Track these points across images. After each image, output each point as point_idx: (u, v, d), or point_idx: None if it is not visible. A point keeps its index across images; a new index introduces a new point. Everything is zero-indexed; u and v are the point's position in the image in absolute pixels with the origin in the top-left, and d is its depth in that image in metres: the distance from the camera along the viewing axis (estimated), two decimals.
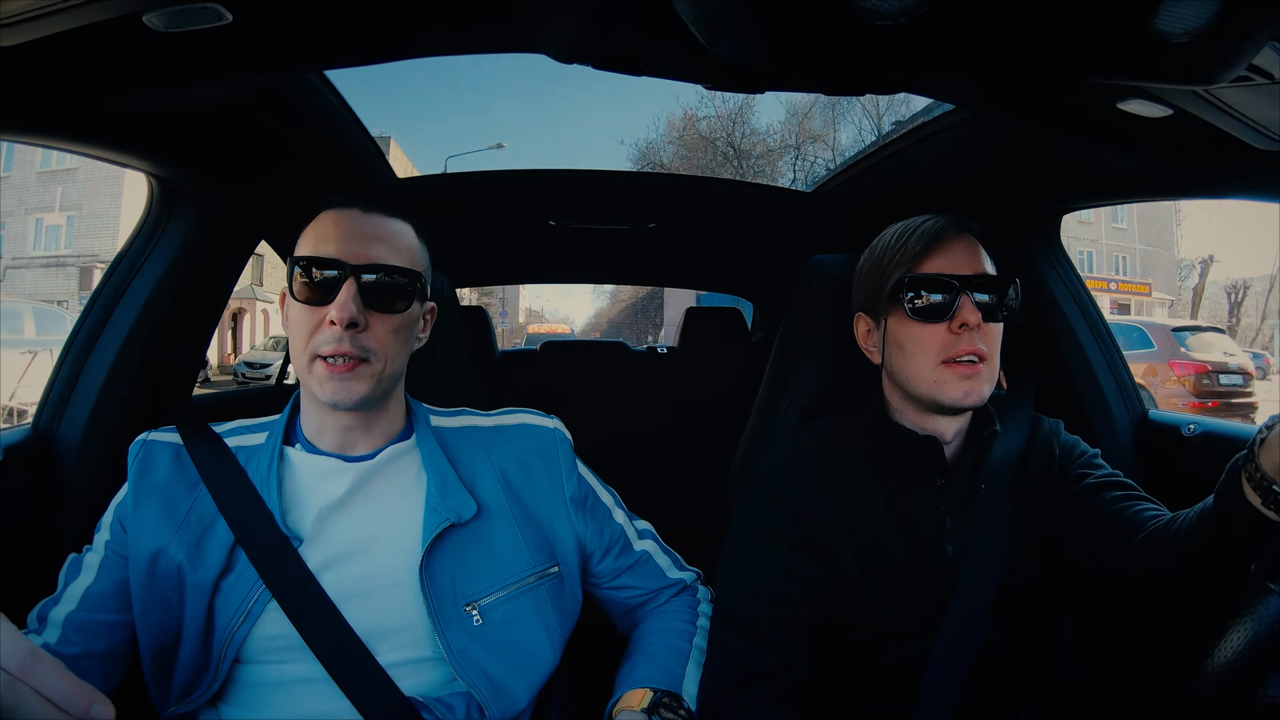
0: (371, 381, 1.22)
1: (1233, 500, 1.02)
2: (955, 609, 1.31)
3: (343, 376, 1.19)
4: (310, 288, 1.21)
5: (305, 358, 1.21)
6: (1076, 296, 1.95)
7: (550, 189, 2.67)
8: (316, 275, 1.21)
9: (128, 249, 1.66)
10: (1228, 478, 1.04)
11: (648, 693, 1.25)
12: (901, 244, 1.34)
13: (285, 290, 1.29)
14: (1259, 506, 0.98)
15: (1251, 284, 32.51)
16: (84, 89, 1.18)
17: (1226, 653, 0.92)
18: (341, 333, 1.18)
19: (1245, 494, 0.99)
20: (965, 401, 1.29)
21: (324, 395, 1.20)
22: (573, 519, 1.38)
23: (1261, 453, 0.97)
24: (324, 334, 1.19)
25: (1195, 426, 1.73)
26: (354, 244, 1.22)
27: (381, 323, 1.23)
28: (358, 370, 1.20)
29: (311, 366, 1.20)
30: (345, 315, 1.18)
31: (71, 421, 1.55)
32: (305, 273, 1.21)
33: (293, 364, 1.27)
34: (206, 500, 1.24)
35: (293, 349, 1.24)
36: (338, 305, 1.18)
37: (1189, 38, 0.76)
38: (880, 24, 0.72)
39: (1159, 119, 1.22)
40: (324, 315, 1.19)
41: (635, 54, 1.21)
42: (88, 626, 1.20)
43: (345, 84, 1.72)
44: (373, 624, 1.21)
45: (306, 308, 1.21)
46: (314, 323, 1.20)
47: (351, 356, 1.19)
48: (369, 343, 1.21)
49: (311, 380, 1.21)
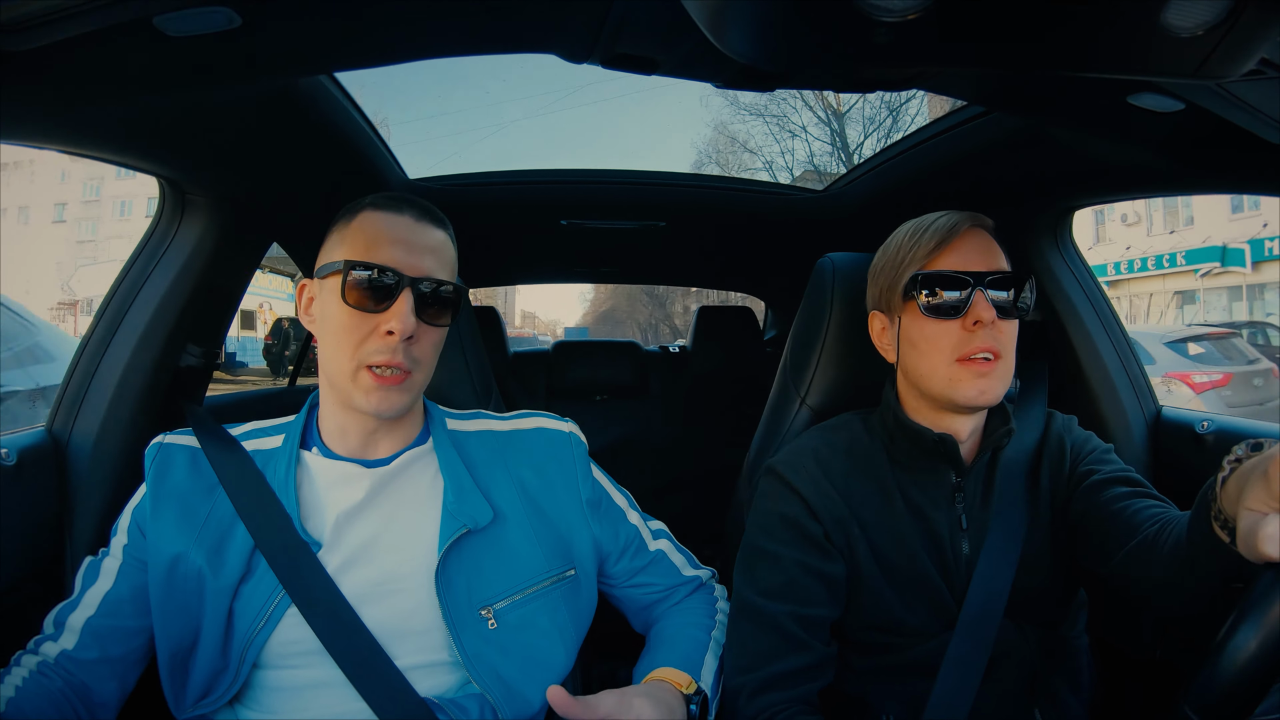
0: (413, 393, 1.24)
1: (1201, 534, 1.00)
2: (970, 606, 1.30)
3: (389, 388, 1.19)
4: (364, 294, 1.19)
5: (351, 365, 1.19)
6: (1089, 293, 1.94)
7: (561, 188, 2.67)
8: (372, 281, 1.19)
9: (140, 251, 1.67)
10: (1196, 509, 1.02)
11: (693, 682, 1.25)
12: (915, 241, 1.34)
13: (310, 285, 1.29)
14: (1226, 543, 0.95)
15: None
16: (94, 94, 1.18)
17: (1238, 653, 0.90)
18: (397, 344, 1.18)
19: (1213, 529, 0.97)
20: (979, 400, 1.28)
21: (368, 405, 1.19)
22: (589, 522, 1.39)
23: (1222, 494, 0.95)
24: (376, 343, 1.18)
25: (1209, 424, 1.72)
26: (409, 254, 1.22)
27: (428, 335, 1.24)
28: (405, 383, 1.20)
29: (357, 375, 1.19)
30: (406, 327, 1.17)
31: (85, 424, 1.56)
32: (360, 277, 1.19)
33: (327, 367, 1.24)
34: (225, 504, 1.24)
35: (334, 352, 1.21)
36: (398, 316, 1.17)
37: (1201, 31, 0.75)
38: (890, 20, 0.72)
39: (1171, 114, 1.22)
40: (376, 324, 1.19)
41: (645, 53, 1.21)
42: (106, 632, 1.21)
43: (352, 82, 1.73)
44: (389, 627, 1.21)
45: (356, 313, 1.19)
46: (365, 330, 1.19)
47: (402, 368, 1.19)
48: (418, 354, 1.22)
49: (354, 389, 1.20)
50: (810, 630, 1.29)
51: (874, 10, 0.71)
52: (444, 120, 45.23)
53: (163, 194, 1.66)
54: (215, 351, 1.86)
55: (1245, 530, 0.87)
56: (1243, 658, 0.86)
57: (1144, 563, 1.16)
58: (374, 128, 1.98)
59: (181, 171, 1.59)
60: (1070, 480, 1.38)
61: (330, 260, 1.23)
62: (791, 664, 1.27)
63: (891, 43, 0.75)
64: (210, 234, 1.69)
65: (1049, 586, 1.36)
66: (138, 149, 1.44)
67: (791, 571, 1.32)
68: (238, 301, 1.94)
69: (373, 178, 2.10)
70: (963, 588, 1.33)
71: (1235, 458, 0.95)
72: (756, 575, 1.35)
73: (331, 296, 1.21)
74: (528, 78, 33.60)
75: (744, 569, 1.38)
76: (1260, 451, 0.91)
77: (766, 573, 1.34)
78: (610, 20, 1.09)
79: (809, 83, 1.35)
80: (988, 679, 1.27)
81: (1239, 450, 0.95)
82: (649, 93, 41.66)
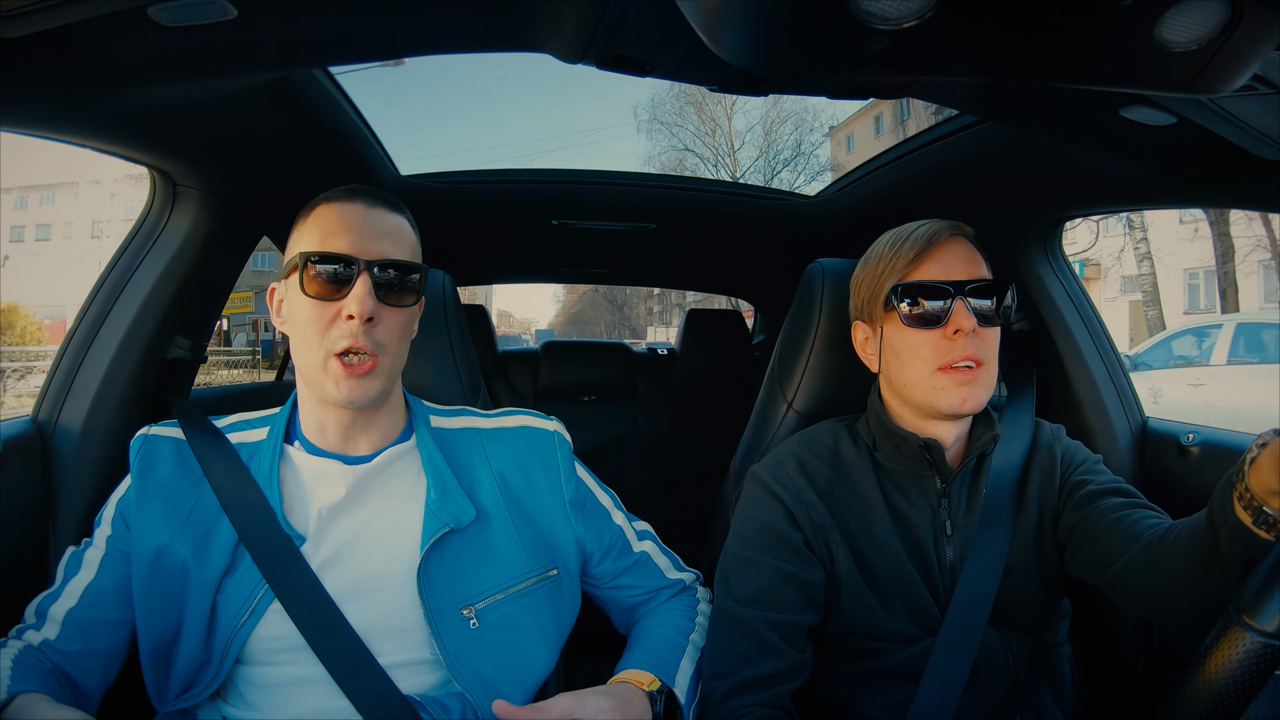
0: (384, 378, 1.23)
1: (1224, 518, 1.01)
2: (954, 613, 1.30)
3: (360, 376, 1.19)
4: (323, 283, 1.19)
5: (319, 355, 1.19)
6: (1078, 303, 1.95)
7: (554, 188, 2.67)
8: (329, 270, 1.19)
9: (129, 242, 1.66)
10: (1219, 495, 1.03)
11: (656, 680, 1.25)
12: (895, 251, 1.34)
13: (279, 288, 1.29)
14: (1250, 526, 0.97)
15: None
16: (88, 82, 1.18)
17: (1206, 684, 0.92)
18: (358, 327, 1.18)
19: (1236, 513, 0.99)
20: (962, 408, 1.29)
21: (340, 394, 1.19)
22: (572, 522, 1.38)
23: (1251, 472, 0.97)
24: (339, 329, 1.18)
25: (1194, 435, 1.73)
26: (363, 239, 1.22)
27: (391, 317, 1.23)
28: (374, 369, 1.20)
29: (327, 365, 1.19)
30: (364, 309, 1.17)
31: (71, 414, 1.55)
32: (317, 268, 1.19)
33: (299, 362, 1.24)
34: (209, 497, 1.24)
35: (303, 346, 1.22)
36: (355, 299, 1.17)
37: (1195, 46, 0.76)
38: (886, 28, 0.72)
39: (1163, 127, 1.22)
40: (336, 310, 1.19)
41: (640, 55, 1.21)
42: (88, 623, 1.21)
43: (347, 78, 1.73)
44: (372, 625, 1.21)
45: (317, 303, 1.19)
46: (326, 319, 1.19)
47: (366, 352, 1.19)
48: (381, 337, 1.21)
49: (326, 380, 1.20)
50: (786, 636, 1.29)
51: (870, 18, 0.71)
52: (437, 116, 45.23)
53: (153, 185, 1.66)
54: (203, 344, 1.85)
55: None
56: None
57: (1147, 568, 1.17)
58: (367, 123, 1.98)
59: (173, 163, 1.58)
60: (1063, 490, 1.38)
61: (290, 258, 1.24)
62: (764, 669, 1.27)
63: (887, 50, 0.75)
64: (200, 226, 1.68)
65: (1033, 594, 1.36)
66: (130, 139, 1.43)
67: (769, 578, 1.32)
68: (226, 294, 1.94)
69: (364, 173, 2.09)
70: (946, 594, 1.33)
71: (1263, 441, 0.96)
72: (735, 581, 1.35)
73: (294, 292, 1.22)
74: (522, 76, 33.71)
75: (724, 575, 1.38)
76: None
77: (745, 579, 1.34)
78: (606, 21, 1.08)
79: (803, 88, 1.35)
80: (971, 686, 1.27)
81: (1267, 435, 0.97)
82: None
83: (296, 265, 1.21)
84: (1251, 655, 0.89)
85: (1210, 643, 0.92)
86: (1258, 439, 0.98)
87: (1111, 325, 1.96)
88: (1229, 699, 0.90)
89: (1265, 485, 0.95)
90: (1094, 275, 23.86)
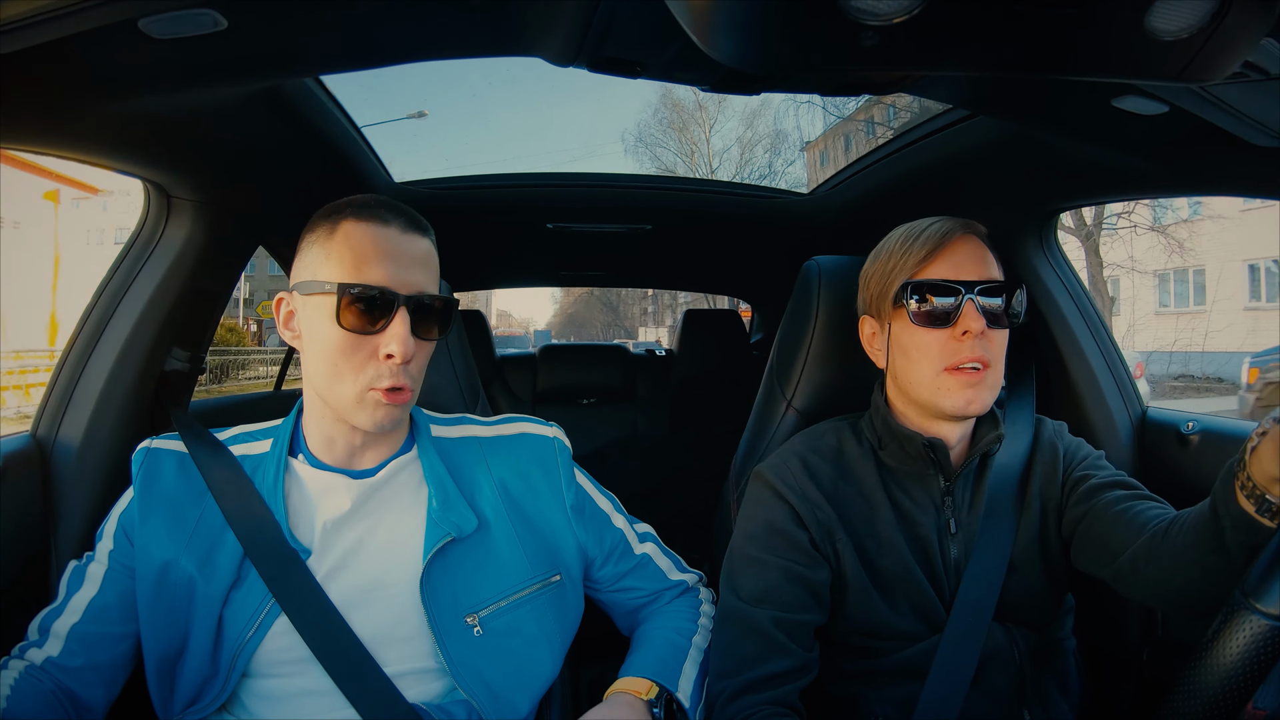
0: (411, 405, 1.25)
1: (1227, 507, 1.01)
2: (959, 611, 1.30)
3: (394, 405, 1.19)
4: (360, 317, 1.16)
5: (353, 389, 1.17)
6: (1074, 294, 1.95)
7: (548, 192, 2.67)
8: (368, 304, 1.16)
9: (124, 255, 1.66)
10: (1221, 484, 1.04)
11: (654, 686, 1.25)
12: (907, 247, 1.33)
13: (288, 299, 1.26)
14: (1254, 514, 0.97)
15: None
16: (80, 96, 1.17)
17: (1214, 670, 0.92)
18: (398, 366, 1.17)
19: (1239, 502, 0.99)
20: (967, 410, 1.29)
21: (372, 423, 1.19)
22: (573, 527, 1.39)
23: (1252, 461, 0.97)
24: (379, 367, 1.17)
25: (1194, 424, 1.73)
26: (400, 269, 1.19)
27: (423, 349, 1.23)
28: (408, 399, 1.21)
29: (363, 397, 1.18)
30: (407, 351, 1.16)
31: (70, 428, 1.55)
32: (356, 300, 1.15)
33: (323, 387, 1.21)
34: (214, 510, 1.24)
35: (330, 376, 1.18)
36: (398, 340, 1.16)
37: (1185, 35, 0.76)
38: (876, 24, 0.72)
39: (1155, 116, 1.22)
40: (374, 346, 1.17)
41: (630, 56, 1.21)
42: (91, 639, 1.20)
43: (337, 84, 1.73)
44: (376, 634, 1.21)
45: (352, 336, 1.16)
46: (363, 353, 1.17)
47: (404, 387, 1.19)
48: (414, 370, 1.22)
49: (360, 410, 1.18)
50: (793, 635, 1.29)
51: (860, 14, 0.71)
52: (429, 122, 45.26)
53: (148, 197, 1.65)
54: (201, 355, 1.85)
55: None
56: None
57: (1153, 559, 1.16)
58: (359, 131, 1.98)
59: (167, 174, 1.58)
60: (1065, 485, 1.38)
61: (316, 278, 1.19)
62: (772, 668, 1.26)
63: (877, 46, 0.75)
64: (196, 237, 1.68)
65: (1038, 590, 1.36)
66: (123, 152, 1.43)
67: (776, 577, 1.32)
68: (224, 305, 1.93)
69: (358, 181, 2.09)
70: (951, 592, 1.33)
71: (1263, 430, 0.97)
72: (741, 580, 1.35)
73: (320, 317, 1.18)
74: (515, 80, 33.63)
75: (729, 574, 1.38)
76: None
77: (751, 578, 1.34)
78: (596, 23, 1.08)
79: (795, 86, 1.35)
80: (977, 681, 1.28)
81: (1267, 423, 0.97)
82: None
83: (328, 292, 1.16)
84: (1259, 639, 0.90)
85: (1217, 627, 0.93)
86: (1258, 427, 0.98)
87: None
88: (1237, 683, 0.91)
89: (1267, 473, 0.95)
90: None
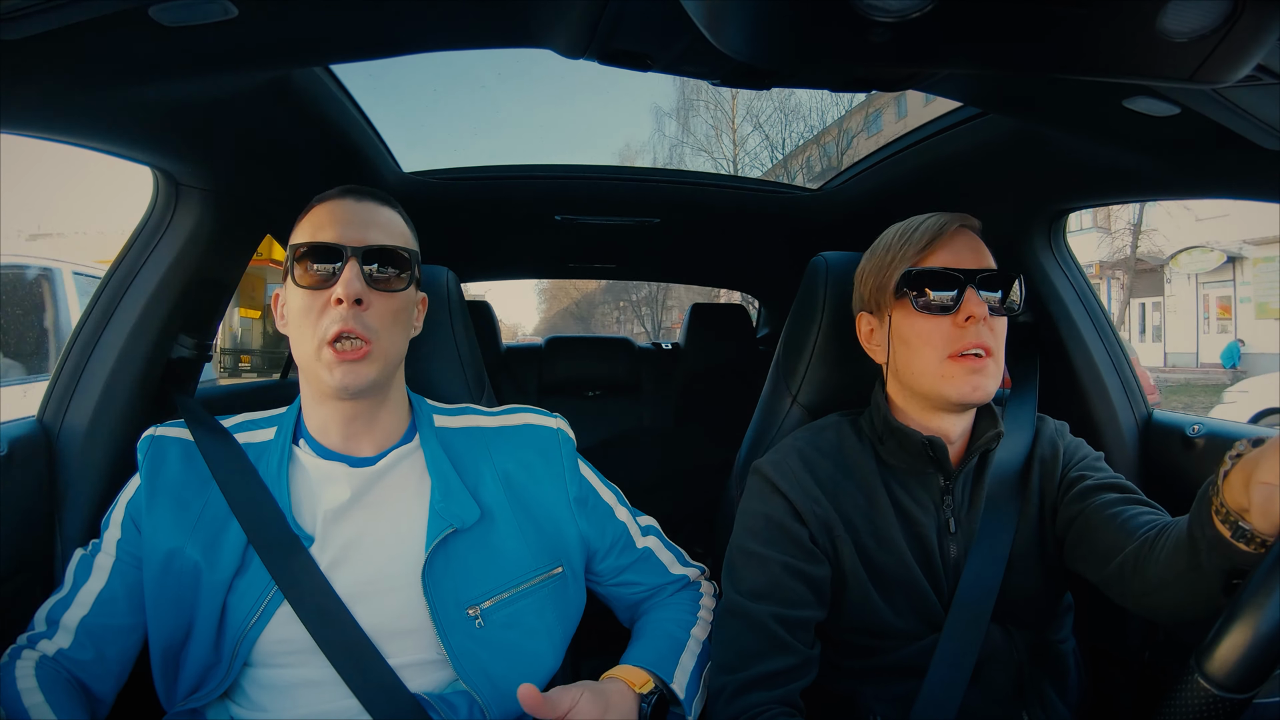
0: (379, 366, 1.23)
1: (1203, 530, 1.00)
2: (958, 610, 1.30)
3: (353, 362, 1.20)
4: (313, 273, 1.22)
5: (314, 344, 1.20)
6: (1082, 295, 1.94)
7: (556, 184, 2.67)
8: (318, 259, 1.22)
9: (133, 242, 1.66)
10: (1198, 507, 1.02)
11: (650, 679, 1.25)
12: (905, 240, 1.34)
13: (281, 292, 1.30)
14: (1229, 539, 0.96)
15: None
16: (89, 83, 1.17)
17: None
18: (347, 310, 1.19)
19: (1215, 526, 0.97)
20: (971, 397, 1.28)
21: (333, 380, 1.20)
22: (576, 519, 1.39)
23: (1225, 487, 0.96)
24: (330, 314, 1.20)
25: (1200, 427, 1.72)
26: (352, 228, 1.24)
27: (383, 302, 1.24)
28: (367, 355, 1.21)
29: (320, 353, 1.20)
30: (351, 291, 1.19)
31: (76, 414, 1.55)
32: (307, 258, 1.22)
33: (298, 356, 1.25)
34: (218, 498, 1.24)
35: (299, 339, 1.23)
36: (343, 283, 1.19)
37: (1198, 36, 0.75)
38: (888, 20, 0.72)
39: (1166, 118, 1.22)
40: (328, 297, 1.20)
41: (641, 49, 1.21)
42: (100, 631, 1.21)
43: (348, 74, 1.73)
44: (380, 625, 1.22)
45: (309, 293, 1.22)
46: (318, 307, 1.21)
47: (359, 337, 1.19)
48: (372, 321, 1.22)
49: (320, 368, 1.20)
50: (794, 631, 1.29)
51: (871, 10, 0.71)
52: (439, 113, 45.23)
53: (156, 185, 1.65)
54: (207, 343, 1.86)
55: (1261, 503, 0.90)
56: (1261, 621, 0.86)
57: (1141, 568, 1.15)
58: (369, 120, 1.98)
59: (176, 162, 1.58)
60: (1062, 483, 1.38)
61: (284, 257, 1.28)
62: (774, 665, 1.26)
63: (889, 43, 0.75)
64: (204, 225, 1.68)
65: (1037, 590, 1.36)
66: (132, 139, 1.43)
67: (776, 573, 1.32)
68: (231, 293, 1.94)
69: (367, 170, 2.09)
70: (950, 590, 1.33)
71: (1237, 453, 0.96)
72: (742, 576, 1.35)
73: (288, 288, 1.26)
74: (524, 72, 33.51)
75: (730, 569, 1.38)
76: (1263, 445, 0.93)
77: (751, 573, 1.34)
78: (607, 16, 1.08)
79: (805, 81, 1.34)
80: (975, 681, 1.28)
81: (1240, 446, 0.96)
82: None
83: (289, 261, 1.24)
84: (1206, 709, 0.88)
85: (1169, 694, 0.91)
86: (1232, 449, 0.97)
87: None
88: None
89: (1238, 502, 0.94)
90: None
